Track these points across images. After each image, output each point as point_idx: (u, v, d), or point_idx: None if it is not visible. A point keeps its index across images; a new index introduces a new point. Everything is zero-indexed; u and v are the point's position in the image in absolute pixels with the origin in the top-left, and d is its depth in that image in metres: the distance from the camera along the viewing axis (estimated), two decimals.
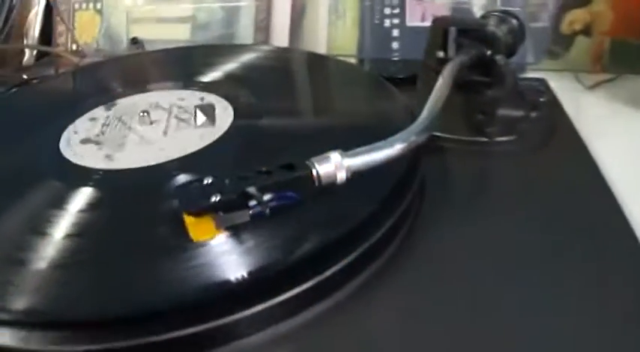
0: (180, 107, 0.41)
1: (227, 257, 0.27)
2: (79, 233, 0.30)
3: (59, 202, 0.32)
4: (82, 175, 0.35)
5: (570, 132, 0.43)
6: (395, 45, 0.66)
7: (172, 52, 0.54)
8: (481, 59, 0.41)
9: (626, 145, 0.43)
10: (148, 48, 0.67)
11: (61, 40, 0.75)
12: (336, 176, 0.27)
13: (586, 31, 0.59)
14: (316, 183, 0.27)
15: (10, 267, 0.28)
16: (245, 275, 0.26)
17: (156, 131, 0.38)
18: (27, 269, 0.28)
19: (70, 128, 0.40)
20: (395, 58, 0.65)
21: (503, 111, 0.40)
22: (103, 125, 0.40)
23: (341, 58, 0.54)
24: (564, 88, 0.51)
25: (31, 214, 0.32)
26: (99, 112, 0.42)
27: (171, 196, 0.27)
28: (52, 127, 0.40)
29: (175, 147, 0.36)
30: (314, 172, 0.27)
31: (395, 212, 0.31)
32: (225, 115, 0.39)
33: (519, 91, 0.43)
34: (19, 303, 0.26)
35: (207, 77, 0.45)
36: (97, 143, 0.38)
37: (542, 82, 0.49)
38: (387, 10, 0.65)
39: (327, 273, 0.28)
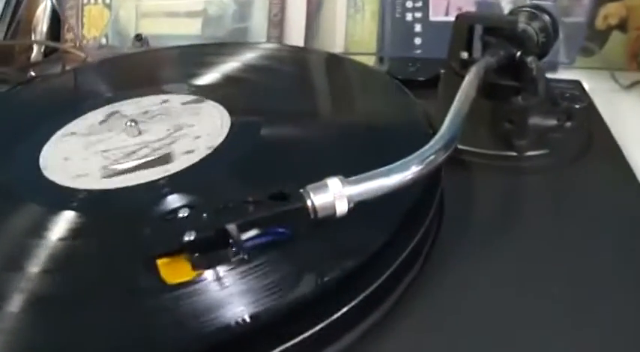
0: (180, 128, 0.37)
1: (212, 302, 0.23)
2: (56, 268, 0.27)
3: (33, 229, 0.29)
4: (63, 197, 0.31)
5: (609, 142, 0.38)
6: (417, 41, 0.61)
7: (172, 51, 0.51)
8: (510, 61, 0.37)
9: None
10: (157, 44, 0.64)
11: (69, 35, 0.73)
12: (335, 207, 0.23)
13: (622, 25, 0.55)
14: (312, 216, 0.23)
15: None
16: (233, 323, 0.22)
17: (126, 147, 0.35)
18: None
19: (53, 139, 0.37)
20: (417, 56, 0.60)
21: (534, 121, 0.35)
22: (88, 136, 0.37)
23: (352, 57, 0.50)
24: (599, 89, 0.47)
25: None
26: (85, 121, 0.39)
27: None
28: (35, 137, 0.37)
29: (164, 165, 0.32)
30: (309, 203, 0.23)
31: (408, 245, 0.27)
32: (222, 124, 0.35)
33: (552, 97, 0.38)
34: None
35: (206, 79, 0.42)
36: (82, 158, 0.34)
37: (578, 84, 0.44)
38: (409, 4, 0.61)
39: (329, 319, 0.24)
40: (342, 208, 0.23)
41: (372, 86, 0.39)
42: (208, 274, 0.24)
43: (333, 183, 0.23)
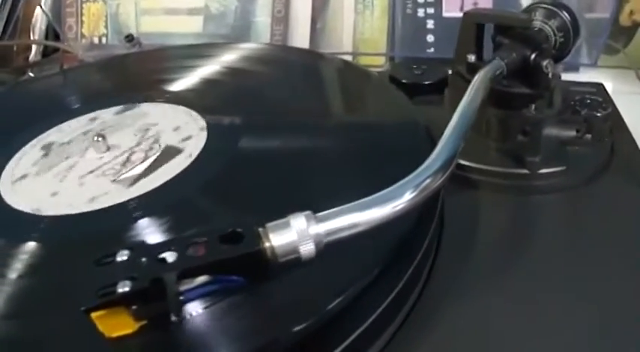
0: (146, 129, 0.34)
1: None
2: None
3: None
4: (22, 224, 0.28)
5: (634, 155, 0.34)
6: (430, 38, 0.57)
7: (155, 53, 0.47)
8: (523, 65, 0.32)
9: None
10: (159, 42, 0.61)
11: (70, 34, 0.70)
12: (298, 250, 0.19)
13: None
14: (271, 261, 0.19)
15: None
16: None
17: (112, 160, 0.31)
18: None
19: (17, 157, 0.33)
20: (429, 55, 0.56)
21: (549, 132, 0.31)
22: (52, 152, 0.33)
23: (361, 57, 0.46)
24: (623, 91, 0.43)
25: None
26: (51, 136, 0.35)
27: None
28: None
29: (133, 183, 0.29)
30: (267, 245, 0.19)
31: (395, 284, 0.23)
32: (197, 137, 0.31)
33: (571, 104, 0.34)
34: None
35: (181, 85, 0.38)
36: (44, 178, 0.31)
37: (600, 88, 0.39)
38: None
39: None
40: (307, 251, 0.19)
41: (366, 92, 0.35)
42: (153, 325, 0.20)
43: (298, 220, 0.19)
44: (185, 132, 0.32)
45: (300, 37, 0.60)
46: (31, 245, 0.26)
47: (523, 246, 0.28)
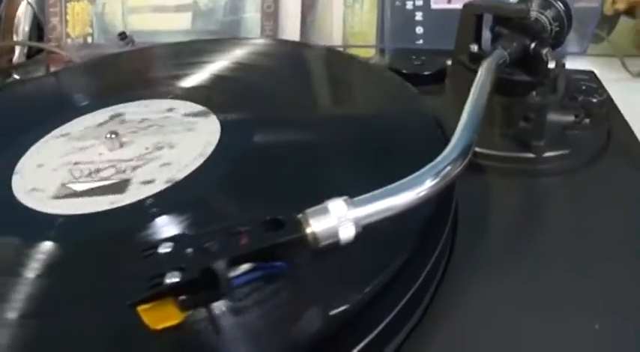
0: (159, 124, 0.34)
1: None
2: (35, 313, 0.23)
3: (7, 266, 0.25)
4: (39, 224, 0.28)
5: (629, 137, 0.35)
6: (419, 30, 0.58)
7: (157, 49, 0.47)
8: (523, 54, 0.34)
9: None
10: (147, 39, 0.61)
11: (54, 34, 0.69)
12: (338, 234, 0.20)
13: (630, 11, 0.53)
14: (312, 246, 0.20)
15: None
16: None
17: (127, 156, 0.31)
18: None
19: (27, 156, 0.33)
20: (419, 46, 0.57)
21: (551, 118, 0.32)
22: (78, 140, 0.34)
23: (351, 50, 0.46)
24: (610, 78, 0.44)
25: None
26: (62, 133, 0.35)
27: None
28: (6, 154, 0.34)
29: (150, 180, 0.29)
30: (308, 231, 0.20)
31: (424, 266, 0.24)
32: (210, 133, 0.32)
33: (568, 91, 0.35)
34: None
35: (191, 81, 0.38)
36: (52, 168, 0.31)
37: (592, 75, 0.41)
38: None
39: None
40: (347, 234, 0.20)
41: (374, 84, 0.36)
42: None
43: (336, 205, 0.20)
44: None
45: (291, 32, 0.61)
46: (48, 244, 0.26)
47: (533, 228, 0.29)
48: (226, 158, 0.30)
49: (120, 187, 0.29)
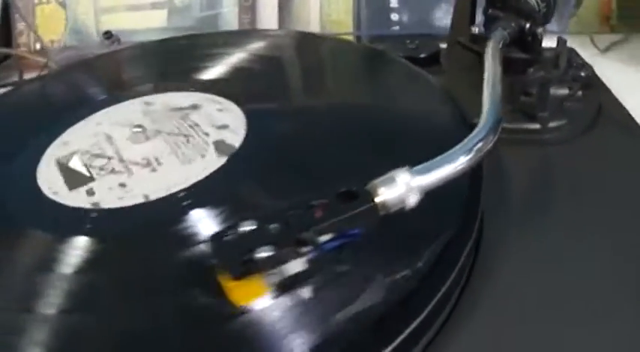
0: (183, 117, 0.34)
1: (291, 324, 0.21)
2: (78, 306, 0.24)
3: (45, 261, 0.26)
4: (70, 219, 0.28)
5: (617, 108, 0.38)
6: (394, 17, 0.60)
7: (162, 45, 0.47)
8: (520, 34, 0.36)
9: None
10: (123, 39, 0.61)
11: (22, 39, 0.68)
12: (405, 201, 0.22)
13: None
14: (382, 212, 0.22)
15: None
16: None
17: (153, 151, 0.32)
18: None
19: (48, 153, 0.33)
20: (394, 33, 0.59)
21: (553, 90, 0.35)
22: (87, 148, 0.33)
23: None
24: (582, 55, 0.47)
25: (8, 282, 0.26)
26: (81, 130, 0.35)
27: (210, 253, 0.21)
28: (25, 153, 0.33)
29: (181, 173, 0.29)
30: (379, 200, 0.21)
31: (467, 239, 0.26)
32: (235, 124, 0.32)
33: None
34: None
35: (208, 74, 0.39)
36: (82, 174, 0.31)
37: (573, 52, 0.44)
38: None
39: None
40: (412, 201, 0.22)
41: (385, 69, 0.37)
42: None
43: (401, 175, 0.22)
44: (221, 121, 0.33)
45: (268, 22, 0.62)
46: (85, 239, 0.26)
47: (556, 189, 0.31)
48: (256, 147, 0.30)
49: (153, 179, 0.29)
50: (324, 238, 0.21)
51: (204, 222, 0.26)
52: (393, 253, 0.24)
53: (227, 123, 0.33)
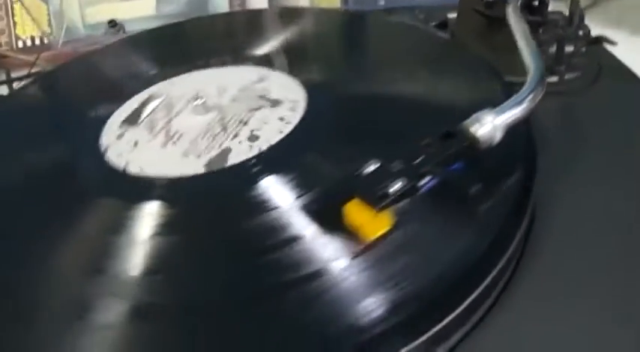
0: (240, 89, 0.35)
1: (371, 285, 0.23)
2: (157, 268, 0.25)
3: (121, 226, 0.27)
4: (141, 187, 0.29)
5: (613, 60, 0.43)
6: None
7: (197, 22, 0.49)
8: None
9: None
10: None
11: (2, 38, 0.67)
12: (493, 138, 0.25)
13: None
14: (478, 148, 0.25)
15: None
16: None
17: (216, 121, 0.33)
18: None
19: (109, 125, 0.34)
20: (381, 7, 0.62)
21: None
22: (148, 118, 0.34)
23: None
24: None
25: (87, 247, 0.27)
26: (138, 102, 0.36)
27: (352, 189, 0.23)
28: (86, 127, 0.34)
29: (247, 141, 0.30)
30: (473, 137, 0.24)
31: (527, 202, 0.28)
32: (293, 93, 0.34)
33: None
34: None
35: (257, 49, 0.39)
36: (148, 142, 0.32)
37: (563, 14, 0.48)
38: None
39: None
40: (497, 138, 0.25)
41: (419, 40, 0.40)
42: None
43: (487, 115, 0.25)
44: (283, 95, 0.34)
45: (259, 3, 0.63)
46: (156, 204, 0.27)
47: (578, 140, 0.34)
48: (321, 114, 0.32)
49: (223, 148, 0.30)
50: (436, 171, 0.23)
51: (275, 189, 0.27)
52: (471, 214, 0.26)
53: (287, 94, 0.34)
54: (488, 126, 0.25)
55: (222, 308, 0.23)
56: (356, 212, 0.22)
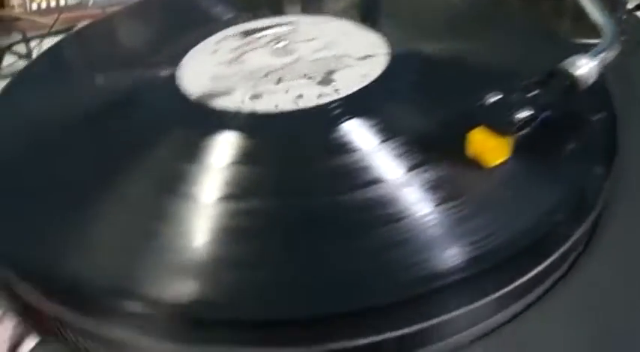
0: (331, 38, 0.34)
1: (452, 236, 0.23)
2: (238, 193, 0.25)
3: (199, 155, 0.27)
4: (222, 119, 0.29)
5: None
6: None
7: None
8: None
9: None
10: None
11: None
12: (588, 79, 0.26)
13: None
14: (578, 87, 0.26)
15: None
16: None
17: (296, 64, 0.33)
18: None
19: (186, 60, 0.34)
20: None
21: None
22: (228, 56, 0.34)
23: None
24: None
25: (168, 174, 0.27)
26: (218, 41, 0.36)
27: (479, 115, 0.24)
28: (162, 63, 0.34)
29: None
30: (574, 76, 0.26)
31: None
32: (374, 46, 0.33)
33: None
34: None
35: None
36: (227, 79, 0.32)
37: None
38: None
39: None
40: (591, 79, 0.26)
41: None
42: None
43: (583, 59, 0.26)
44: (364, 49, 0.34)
45: None
46: (234, 135, 0.28)
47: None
48: (403, 66, 0.32)
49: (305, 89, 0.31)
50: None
51: (358, 132, 0.27)
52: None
53: (373, 50, 0.33)
54: (585, 68, 0.26)
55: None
56: (480, 139, 0.23)
